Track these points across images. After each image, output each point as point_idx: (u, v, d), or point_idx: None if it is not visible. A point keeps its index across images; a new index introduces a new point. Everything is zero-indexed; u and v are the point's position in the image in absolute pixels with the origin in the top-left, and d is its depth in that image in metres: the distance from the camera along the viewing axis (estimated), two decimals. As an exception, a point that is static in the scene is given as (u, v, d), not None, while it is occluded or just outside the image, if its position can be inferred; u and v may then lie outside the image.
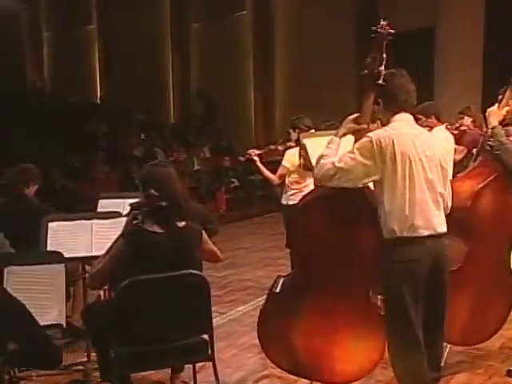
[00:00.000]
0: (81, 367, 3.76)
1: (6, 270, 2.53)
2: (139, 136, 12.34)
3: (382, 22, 2.66)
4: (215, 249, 3.07)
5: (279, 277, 3.18)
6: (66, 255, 3.04)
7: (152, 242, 2.76)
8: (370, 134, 2.69)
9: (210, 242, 3.04)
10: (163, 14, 15.05)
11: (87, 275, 2.84)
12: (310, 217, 2.88)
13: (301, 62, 12.54)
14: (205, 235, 2.99)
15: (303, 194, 4.18)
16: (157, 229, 2.80)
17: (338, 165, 2.65)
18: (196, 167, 11.59)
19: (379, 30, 2.66)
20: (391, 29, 2.64)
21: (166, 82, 15.08)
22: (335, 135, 2.82)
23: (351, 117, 2.83)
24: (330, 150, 2.76)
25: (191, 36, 14.74)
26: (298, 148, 4.73)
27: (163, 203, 2.76)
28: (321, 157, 2.74)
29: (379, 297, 2.86)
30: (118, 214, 3.67)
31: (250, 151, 5.26)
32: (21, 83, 15.81)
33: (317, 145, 2.80)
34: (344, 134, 2.81)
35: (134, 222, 2.80)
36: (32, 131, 11.22)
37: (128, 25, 15.33)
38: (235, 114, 13.56)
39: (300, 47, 12.62)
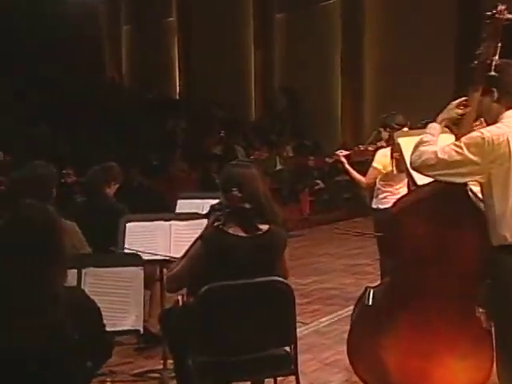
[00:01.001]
0: (157, 375, 3.85)
1: (84, 272, 2.62)
2: (219, 133, 12.53)
3: (500, 7, 2.53)
4: (286, 263, 3.03)
5: (369, 287, 3.11)
6: (144, 257, 3.11)
7: (233, 245, 2.77)
8: (482, 129, 2.57)
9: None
10: (245, 4, 15.20)
11: (165, 277, 2.89)
12: (408, 222, 2.80)
13: (394, 55, 12.25)
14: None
15: (396, 197, 4.10)
16: (239, 232, 2.80)
17: (440, 156, 2.54)
18: (278, 167, 11.62)
19: (496, 15, 2.53)
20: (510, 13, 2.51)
21: (247, 77, 15.21)
22: (435, 121, 2.73)
23: (455, 102, 2.73)
24: (430, 136, 2.67)
25: (275, 27, 14.80)
26: (389, 148, 4.65)
27: (246, 205, 2.77)
28: (420, 143, 2.65)
29: (480, 310, 2.74)
30: (197, 216, 3.71)
31: (338, 152, 5.22)
32: (99, 79, 16.48)
33: (412, 145, 2.71)
34: (444, 120, 2.72)
35: (215, 224, 2.82)
36: (109, 128, 11.68)
37: (209, 17, 15.60)
38: (321, 111, 13.46)
39: (393, 39, 12.34)
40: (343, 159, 5.11)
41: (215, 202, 3.76)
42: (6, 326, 1.83)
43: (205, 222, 3.02)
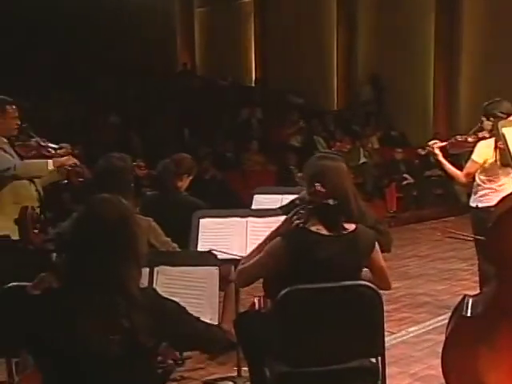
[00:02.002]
0: (230, 383, 3.86)
1: (156, 270, 2.63)
2: (297, 123, 12.49)
3: None
4: (385, 269, 2.94)
5: (467, 296, 2.99)
6: (219, 256, 3.11)
7: (316, 244, 2.73)
8: None
9: (381, 256, 2.92)
10: (326, -18, 15.05)
11: (236, 270, 2.90)
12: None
13: (495, 39, 11.79)
14: (377, 245, 2.89)
15: (499, 195, 3.92)
16: (322, 230, 2.76)
17: None
18: (362, 160, 11.46)
19: None
20: None
21: (329, 62, 15.06)
22: None
23: None
24: None
25: (358, 8, 14.56)
26: (492, 139, 4.47)
27: (330, 201, 2.71)
28: None
29: None
30: (276, 212, 3.69)
31: (432, 143, 5.03)
32: (171, 66, 16.78)
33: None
34: None
35: (297, 220, 2.78)
36: (181, 118, 11.86)
37: (287, -3, 15.57)
38: (410, 98, 13.15)
39: (494, 21, 11.87)
40: (437, 151, 4.93)
41: (294, 197, 3.75)
42: (77, 331, 1.84)
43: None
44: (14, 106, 4.51)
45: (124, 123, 10.90)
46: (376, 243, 2.87)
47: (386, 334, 2.80)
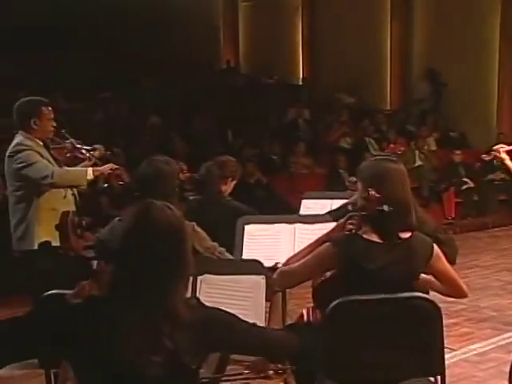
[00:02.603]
0: (277, 399, 3.85)
1: (199, 279, 2.66)
2: (347, 124, 12.43)
3: None
4: (455, 276, 2.90)
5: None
6: (265, 264, 3.12)
7: (368, 253, 2.72)
8: None
9: (445, 262, 2.88)
10: (380, -27, 14.94)
11: (277, 271, 2.91)
12: None
13: None
14: (439, 251, 2.85)
15: None
16: (375, 238, 2.75)
17: None
18: (418, 163, 11.34)
19: None
20: None
21: (382, 58, 14.92)
22: None
23: None
24: None
25: (415, -1, 14.43)
26: None
27: (385, 208, 2.69)
28: None
29: None
30: (325, 218, 3.69)
31: (497, 147, 4.99)
32: (214, 63, 16.90)
33: None
34: None
35: (349, 227, 2.77)
36: (225, 119, 11.93)
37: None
38: (471, 96, 12.91)
39: None
40: (504, 155, 4.89)
41: (344, 202, 3.73)
42: (117, 346, 1.82)
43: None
44: (49, 108, 4.58)
45: (165, 124, 11.02)
46: (435, 250, 2.83)
47: (445, 350, 2.77)
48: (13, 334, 1.84)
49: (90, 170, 4.50)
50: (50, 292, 2.49)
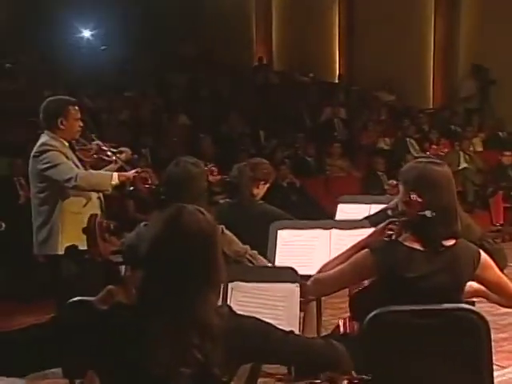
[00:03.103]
0: (312, 415, 3.84)
1: (230, 286, 2.66)
2: (386, 123, 12.36)
3: None
4: (505, 281, 2.87)
5: None
6: (300, 272, 3.11)
7: (409, 261, 2.71)
8: None
9: (497, 270, 2.85)
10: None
11: (312, 278, 2.90)
12: None
13: None
14: (487, 259, 2.82)
15: None
16: (416, 245, 2.74)
17: None
18: (462, 165, 11.23)
19: None
20: None
21: (424, 53, 14.81)
22: None
23: None
24: None
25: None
26: None
27: (428, 213, 2.67)
28: None
29: None
30: (363, 224, 3.69)
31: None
32: (246, 60, 16.95)
33: None
34: None
35: (388, 233, 2.76)
36: (257, 118, 11.96)
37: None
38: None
39: None
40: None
41: (383, 206, 3.71)
42: (144, 356, 1.83)
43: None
44: (76, 107, 4.66)
45: (194, 124, 11.08)
46: (483, 257, 2.81)
47: (494, 368, 2.73)
48: (36, 342, 1.85)
49: (115, 174, 4.56)
50: (75, 298, 2.51)
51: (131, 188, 4.65)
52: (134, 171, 4.57)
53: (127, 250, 1.95)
